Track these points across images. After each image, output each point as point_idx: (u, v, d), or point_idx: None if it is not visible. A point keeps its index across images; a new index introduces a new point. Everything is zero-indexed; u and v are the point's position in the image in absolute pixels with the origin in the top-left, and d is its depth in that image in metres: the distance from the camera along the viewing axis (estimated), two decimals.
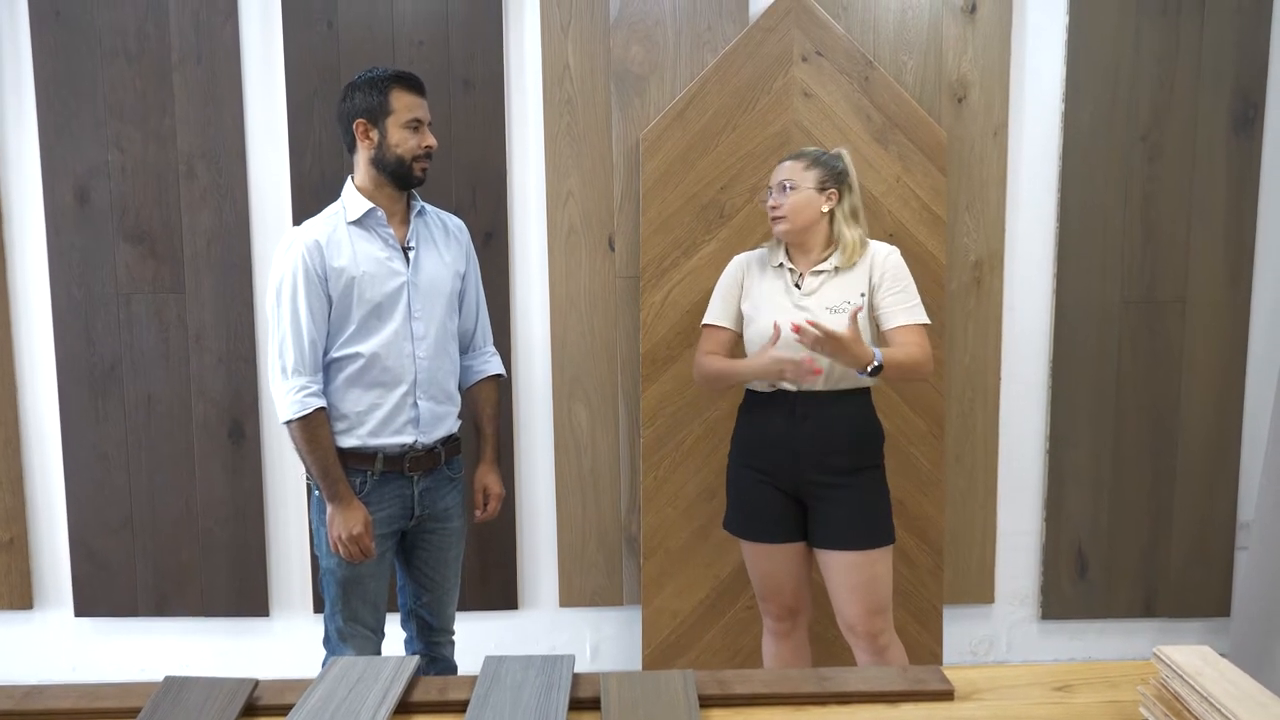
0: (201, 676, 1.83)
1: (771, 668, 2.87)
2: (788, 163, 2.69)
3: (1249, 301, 3.38)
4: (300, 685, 1.83)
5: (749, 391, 2.76)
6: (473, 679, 1.84)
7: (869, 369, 2.50)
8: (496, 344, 3.07)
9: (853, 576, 2.64)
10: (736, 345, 2.78)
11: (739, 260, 2.83)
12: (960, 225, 3.30)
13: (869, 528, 2.64)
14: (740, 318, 2.77)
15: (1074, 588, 3.47)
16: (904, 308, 2.64)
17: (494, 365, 2.84)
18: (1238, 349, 3.39)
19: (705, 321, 2.82)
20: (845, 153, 2.72)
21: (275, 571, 3.42)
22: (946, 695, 1.80)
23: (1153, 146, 3.30)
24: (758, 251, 2.82)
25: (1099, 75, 3.28)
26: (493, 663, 1.87)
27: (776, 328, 2.62)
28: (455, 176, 3.25)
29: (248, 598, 3.41)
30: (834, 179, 2.66)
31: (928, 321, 2.66)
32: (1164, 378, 3.39)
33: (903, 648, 2.76)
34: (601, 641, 3.48)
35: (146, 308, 3.29)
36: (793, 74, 3.14)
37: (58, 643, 3.47)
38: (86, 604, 3.41)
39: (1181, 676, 1.55)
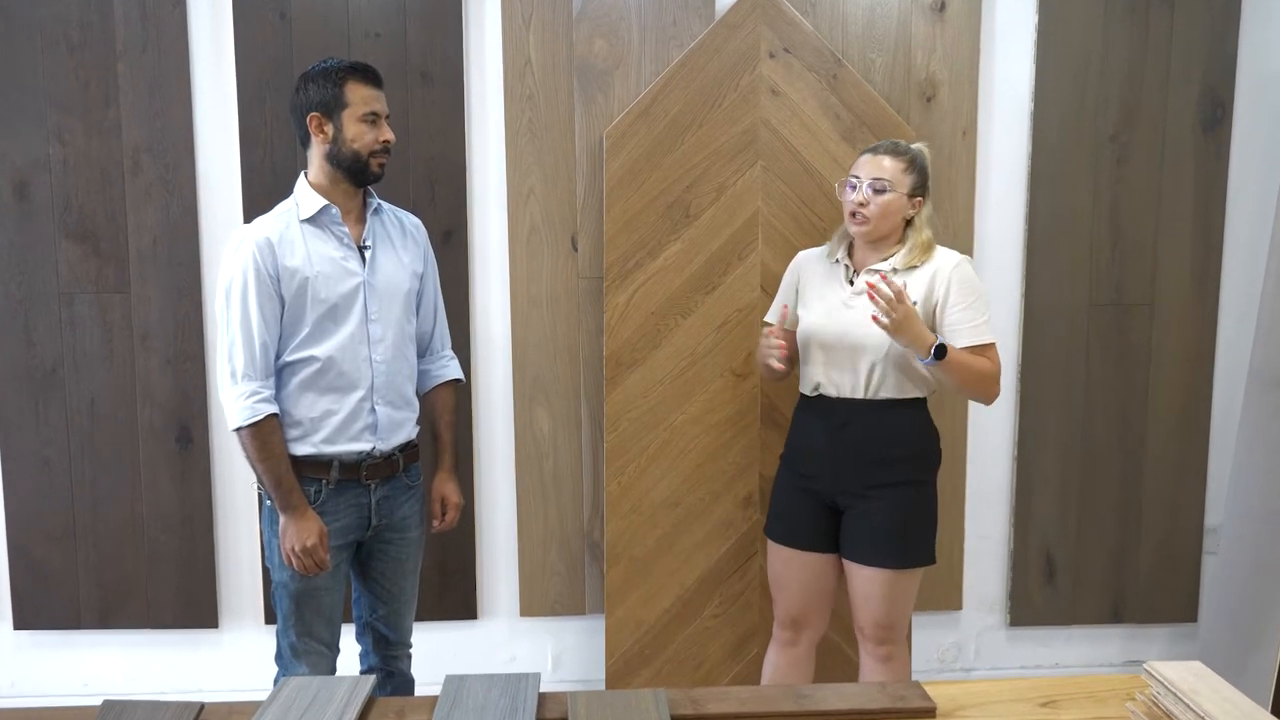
0: (142, 700, 1.73)
1: (766, 676, 2.84)
2: (887, 161, 2.54)
3: (1217, 304, 3.36)
4: (249, 708, 1.73)
5: (800, 395, 2.71)
6: (432, 700, 1.75)
7: (930, 354, 2.41)
8: (456, 346, 2.97)
9: (870, 589, 2.61)
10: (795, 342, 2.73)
11: (797, 259, 2.80)
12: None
13: (896, 546, 2.57)
14: (795, 318, 2.73)
15: (1042, 594, 3.43)
16: (969, 325, 2.50)
17: (452, 370, 2.74)
18: (1205, 352, 3.37)
19: (765, 319, 2.86)
20: (926, 149, 2.62)
21: (225, 582, 3.29)
22: (928, 713, 1.73)
23: (1122, 147, 3.28)
24: (820, 248, 2.76)
25: (1068, 75, 3.24)
26: (454, 682, 1.78)
27: (785, 308, 2.67)
28: (413, 173, 3.15)
29: (196, 609, 3.28)
30: (923, 186, 2.57)
31: (993, 339, 2.53)
32: (1132, 381, 3.36)
33: (909, 659, 2.73)
34: (563, 651, 3.39)
35: (89, 308, 3.15)
36: (760, 71, 3.07)
37: None
38: (26, 616, 3.27)
39: (1175, 694, 1.50)
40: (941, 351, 2.42)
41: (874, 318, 2.39)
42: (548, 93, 3.15)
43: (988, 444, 3.38)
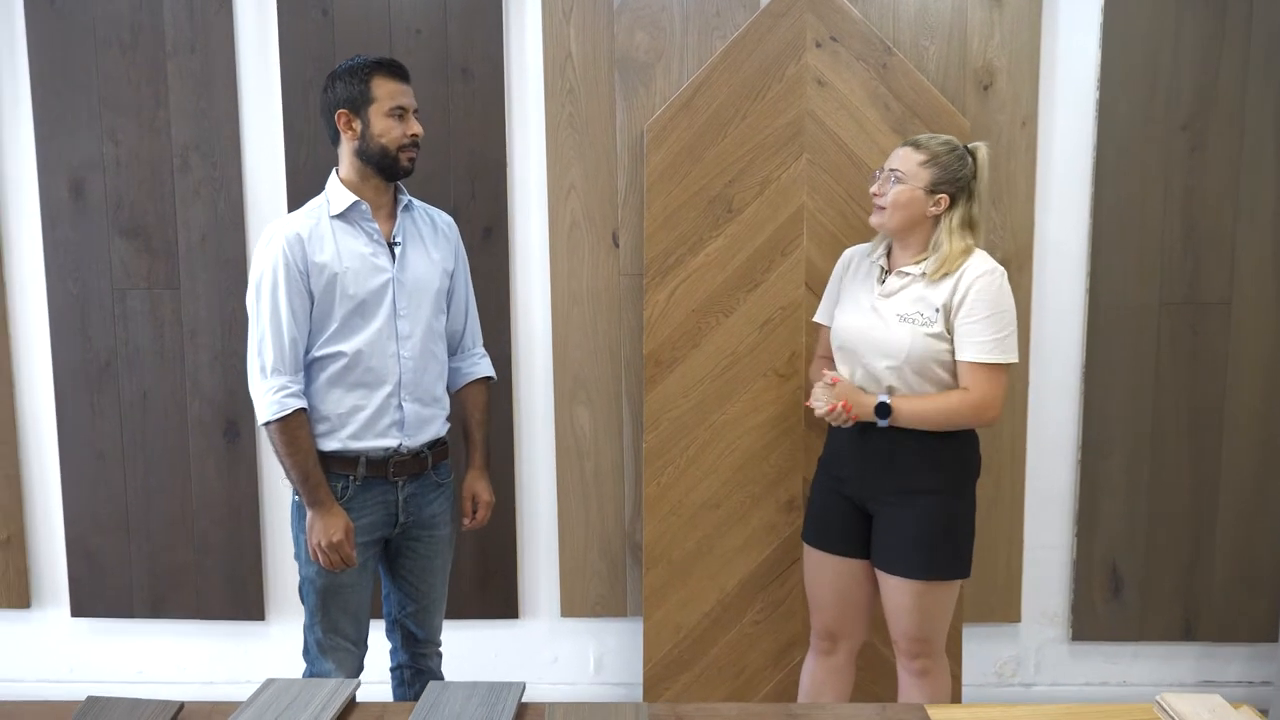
0: (125, 697, 1.74)
1: (804, 686, 2.76)
2: (908, 152, 2.46)
3: None
4: (228, 708, 1.72)
5: None
6: (412, 706, 1.73)
7: (875, 415, 2.40)
8: (496, 343, 2.95)
9: (900, 600, 2.51)
10: None
11: (845, 255, 2.72)
12: (986, 221, 3.08)
13: (925, 557, 2.46)
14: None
15: (1107, 607, 3.26)
16: (975, 341, 2.38)
17: (484, 367, 2.72)
18: None
19: (814, 319, 2.79)
20: (983, 148, 2.47)
21: (271, 575, 3.33)
22: None
23: (1195, 136, 3.08)
24: (869, 244, 2.67)
25: (1137, 59, 3.06)
26: (435, 689, 1.75)
27: (824, 371, 2.58)
28: (454, 169, 3.13)
29: (243, 602, 3.32)
30: (951, 184, 2.43)
31: (999, 360, 2.38)
32: (1207, 383, 3.17)
33: (948, 675, 2.61)
34: (605, 654, 3.35)
35: (142, 304, 3.21)
36: (806, 61, 2.97)
37: (55, 643, 3.42)
38: (83, 604, 3.35)
39: None
40: (884, 410, 2.40)
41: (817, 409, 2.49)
42: (588, 86, 3.10)
43: (1049, 448, 3.22)
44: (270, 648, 3.36)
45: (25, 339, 3.28)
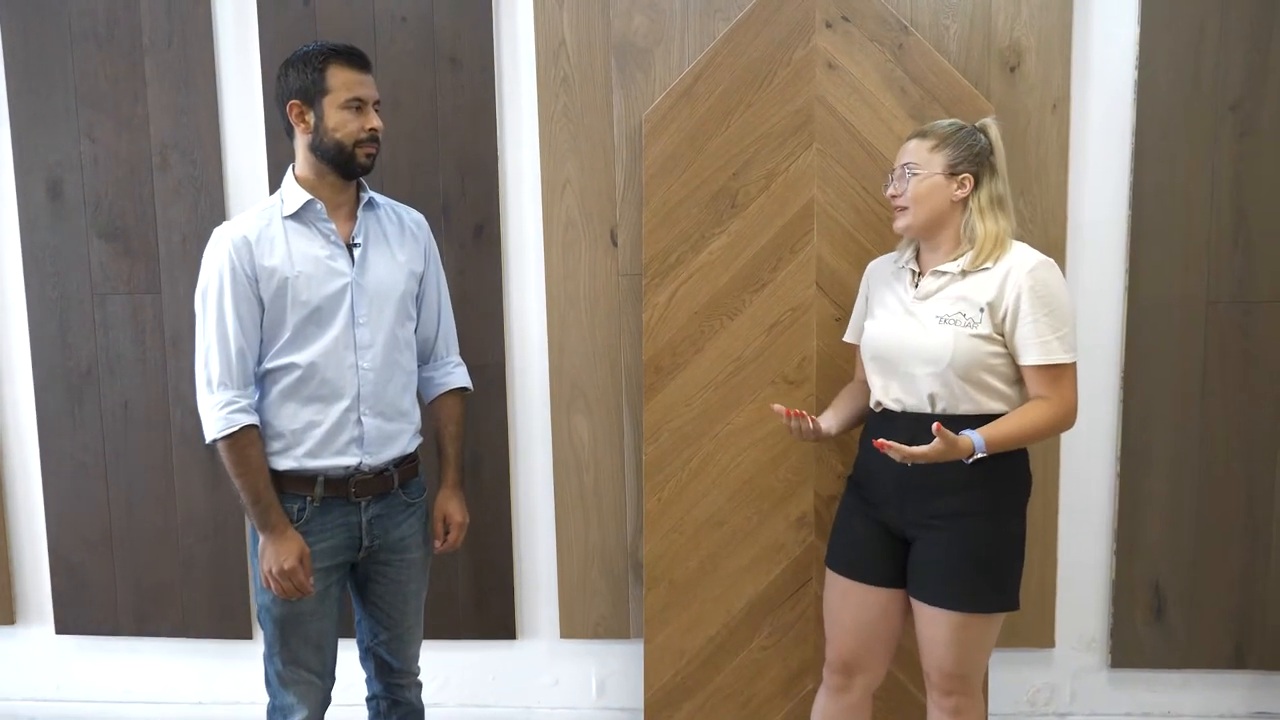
0: None
1: None
2: (912, 143, 2.29)
3: None
4: None
5: (868, 410, 2.41)
6: None
7: (970, 460, 2.13)
8: (489, 349, 2.77)
9: (936, 633, 2.27)
10: None
11: (868, 268, 2.52)
12: (1015, 212, 2.84)
13: (968, 585, 2.23)
14: (860, 329, 2.46)
15: (1149, 631, 3.00)
16: (1039, 342, 2.16)
17: (458, 377, 2.53)
18: None
19: (844, 338, 2.61)
20: (991, 124, 2.29)
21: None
22: None
23: (1245, 119, 2.81)
24: (891, 254, 2.47)
25: (1180, 35, 2.80)
26: None
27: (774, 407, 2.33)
28: (442, 165, 2.95)
29: (230, 619, 3.18)
30: (970, 160, 2.23)
31: (1066, 359, 2.17)
32: (1259, 388, 2.90)
33: (983, 714, 2.37)
34: (608, 677, 3.15)
35: (122, 309, 3.08)
36: (815, 43, 2.75)
37: (41, 661, 3.30)
38: (67, 621, 3.23)
39: None
40: (978, 447, 2.13)
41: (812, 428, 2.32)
42: (583, 75, 2.90)
43: (1085, 459, 2.97)
44: (258, 667, 3.20)
45: (5, 346, 3.17)
